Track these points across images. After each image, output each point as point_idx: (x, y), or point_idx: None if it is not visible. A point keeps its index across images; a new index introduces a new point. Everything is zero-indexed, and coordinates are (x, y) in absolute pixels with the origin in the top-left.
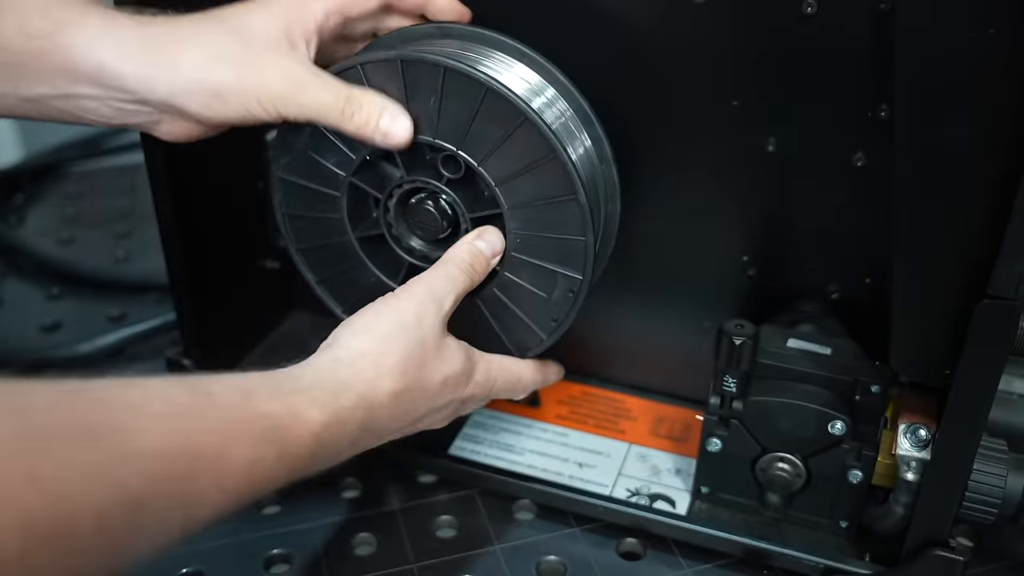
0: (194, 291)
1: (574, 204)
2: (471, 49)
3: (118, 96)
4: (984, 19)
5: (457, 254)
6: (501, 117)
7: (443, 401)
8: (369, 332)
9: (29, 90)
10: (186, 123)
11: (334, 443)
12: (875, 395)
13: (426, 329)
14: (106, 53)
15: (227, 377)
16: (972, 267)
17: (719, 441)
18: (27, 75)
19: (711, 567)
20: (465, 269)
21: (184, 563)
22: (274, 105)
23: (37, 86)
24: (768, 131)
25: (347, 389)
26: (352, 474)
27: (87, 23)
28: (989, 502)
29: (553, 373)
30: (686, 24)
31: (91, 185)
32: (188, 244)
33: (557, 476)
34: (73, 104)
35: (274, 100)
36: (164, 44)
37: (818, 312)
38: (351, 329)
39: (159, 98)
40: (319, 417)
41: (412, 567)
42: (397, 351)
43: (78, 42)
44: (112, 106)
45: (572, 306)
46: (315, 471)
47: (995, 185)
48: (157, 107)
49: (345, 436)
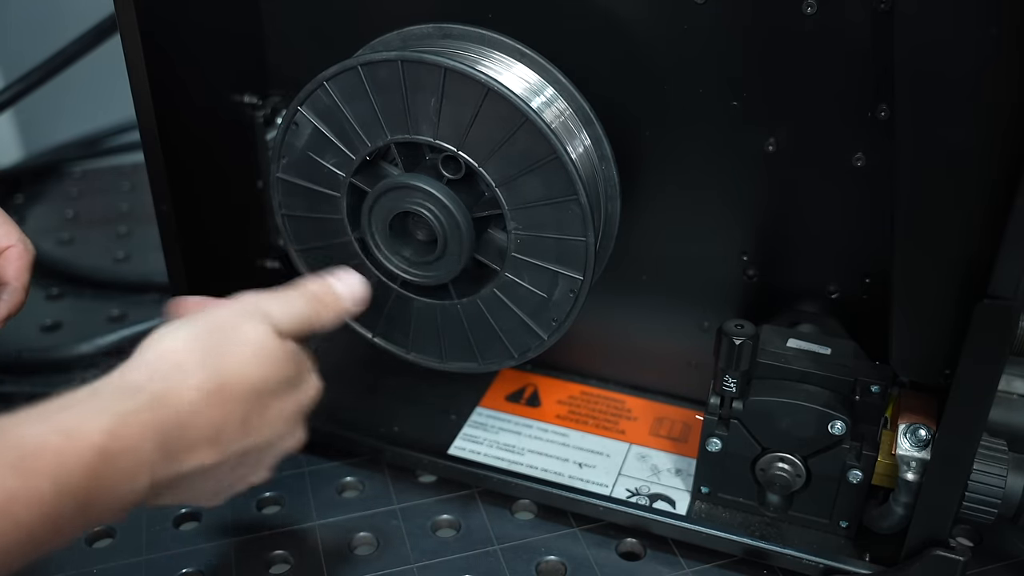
0: (194, 291)
1: (575, 204)
2: (471, 49)
3: None
4: (984, 19)
5: (305, 283)
6: (502, 118)
7: (284, 405)
8: (176, 333)
9: None
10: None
11: (130, 453)
12: (875, 395)
13: (246, 329)
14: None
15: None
16: (972, 267)
17: (719, 441)
18: None
19: (711, 567)
20: (308, 298)
21: (184, 563)
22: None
23: None
24: (768, 131)
25: (136, 391)
26: (352, 474)
27: None
28: (989, 502)
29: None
30: (686, 24)
31: (91, 185)
32: (188, 244)
33: (557, 476)
34: None
35: None
36: None
37: (818, 312)
38: (155, 335)
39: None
40: (100, 425)
41: (412, 567)
42: (206, 347)
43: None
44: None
45: (573, 306)
46: (123, 495)
47: (995, 185)
48: None
49: (138, 443)
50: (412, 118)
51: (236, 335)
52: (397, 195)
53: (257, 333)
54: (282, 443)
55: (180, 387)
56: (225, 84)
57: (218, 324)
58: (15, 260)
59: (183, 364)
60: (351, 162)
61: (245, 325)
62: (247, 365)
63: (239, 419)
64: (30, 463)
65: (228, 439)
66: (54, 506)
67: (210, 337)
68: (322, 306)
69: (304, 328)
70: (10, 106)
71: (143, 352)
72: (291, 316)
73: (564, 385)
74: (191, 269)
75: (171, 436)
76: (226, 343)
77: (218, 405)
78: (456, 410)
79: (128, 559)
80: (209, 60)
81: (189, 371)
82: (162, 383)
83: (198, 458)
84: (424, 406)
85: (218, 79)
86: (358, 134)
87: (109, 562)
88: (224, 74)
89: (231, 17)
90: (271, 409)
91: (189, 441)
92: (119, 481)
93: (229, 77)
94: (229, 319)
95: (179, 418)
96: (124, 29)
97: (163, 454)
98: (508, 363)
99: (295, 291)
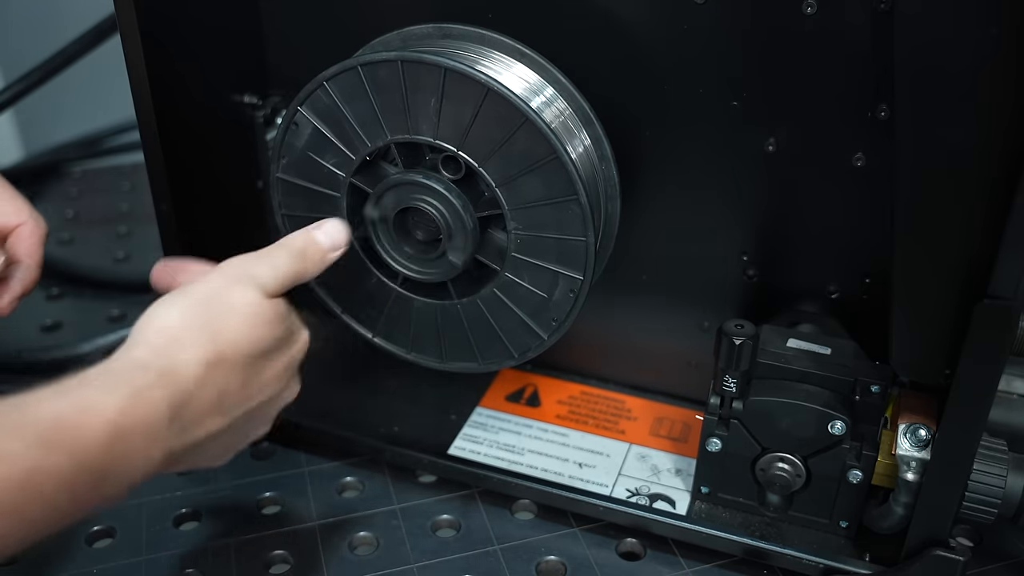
0: None
1: (575, 204)
2: (471, 49)
3: None
4: (983, 18)
5: (289, 239)
6: (502, 118)
7: (279, 363)
8: (170, 309)
9: None
10: None
11: (142, 429)
12: (875, 395)
13: (236, 297)
14: None
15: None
16: (972, 267)
17: (719, 441)
18: None
19: (711, 567)
20: (294, 254)
21: (184, 563)
22: None
23: None
24: (768, 131)
25: (143, 368)
26: (352, 474)
27: None
28: (989, 502)
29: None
30: (686, 24)
31: (91, 185)
32: (188, 244)
33: (557, 476)
34: None
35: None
36: None
37: (818, 312)
38: (150, 312)
39: None
40: (113, 403)
41: (412, 567)
42: (200, 319)
43: None
44: None
45: (573, 306)
46: (137, 468)
47: (995, 184)
48: None
49: (153, 419)
50: (412, 118)
51: (227, 304)
52: (402, 191)
53: (246, 299)
54: (280, 397)
55: (183, 361)
56: (225, 84)
57: (208, 295)
58: (27, 237)
59: (181, 339)
60: (351, 162)
61: (235, 293)
62: (241, 332)
63: (240, 384)
64: (50, 436)
65: (232, 404)
66: (72, 480)
67: (203, 309)
68: (307, 260)
69: (291, 284)
70: (10, 106)
71: (142, 329)
72: (277, 276)
73: (564, 385)
74: None
75: (180, 409)
76: (219, 313)
77: (220, 375)
78: (456, 410)
79: (128, 559)
80: (209, 60)
81: (188, 345)
82: (166, 359)
83: (206, 427)
84: (424, 406)
85: (218, 79)
86: (358, 134)
87: (109, 562)
88: (224, 74)
89: (231, 17)
90: (268, 369)
91: (197, 412)
92: (133, 456)
93: (229, 77)
94: (218, 288)
95: (186, 391)
96: (124, 29)
97: (174, 428)
98: (508, 363)
99: (279, 248)
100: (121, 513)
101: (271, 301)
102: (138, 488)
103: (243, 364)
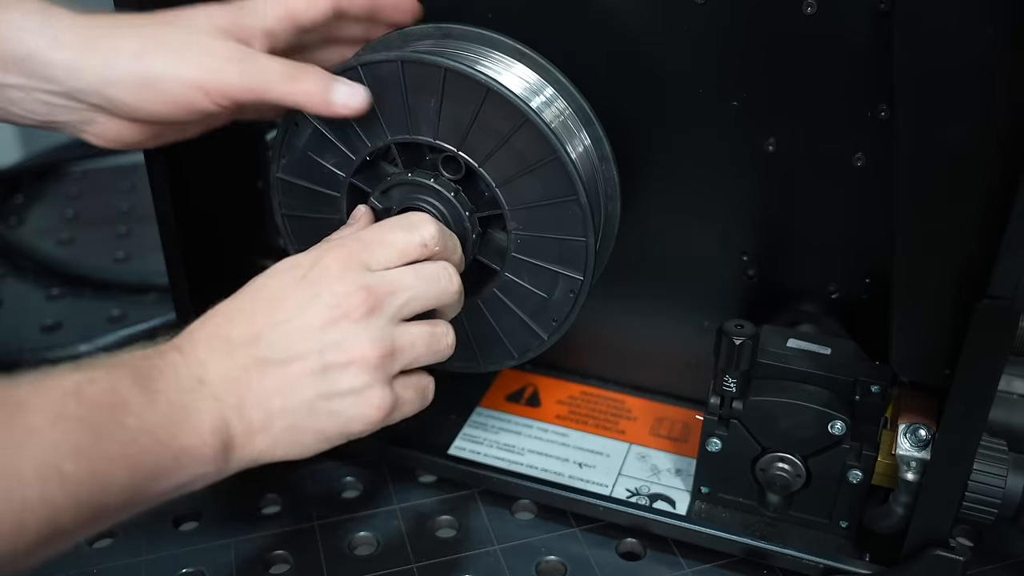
0: (194, 291)
1: (575, 205)
2: (471, 49)
3: (46, 88)
4: (984, 18)
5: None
6: (502, 118)
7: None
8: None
9: None
10: (119, 122)
11: (193, 350)
12: (875, 395)
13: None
14: (40, 40)
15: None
16: (972, 267)
17: (719, 441)
18: None
19: (711, 567)
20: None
21: (184, 563)
22: (215, 83)
23: None
24: (768, 131)
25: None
26: (352, 474)
27: (26, 8)
28: (989, 502)
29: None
30: (686, 24)
31: (91, 185)
32: (188, 244)
33: (557, 476)
34: (1, 95)
35: (213, 77)
36: (100, 35)
37: (818, 312)
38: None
39: (89, 88)
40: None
41: (412, 567)
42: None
43: (13, 27)
44: (39, 99)
45: (573, 306)
46: (192, 380)
47: (994, 185)
48: (87, 101)
49: (205, 336)
50: (412, 118)
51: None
52: (403, 191)
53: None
54: (357, 363)
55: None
56: None
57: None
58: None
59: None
60: (351, 162)
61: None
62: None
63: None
64: (82, 363)
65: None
66: (115, 386)
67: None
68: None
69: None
70: None
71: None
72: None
73: (564, 385)
74: (191, 269)
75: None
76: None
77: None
78: (456, 410)
79: (128, 559)
80: None
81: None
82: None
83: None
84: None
85: None
86: (358, 134)
87: (109, 562)
88: None
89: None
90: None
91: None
92: (182, 379)
93: None
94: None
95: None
96: None
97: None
98: (509, 363)
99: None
100: None
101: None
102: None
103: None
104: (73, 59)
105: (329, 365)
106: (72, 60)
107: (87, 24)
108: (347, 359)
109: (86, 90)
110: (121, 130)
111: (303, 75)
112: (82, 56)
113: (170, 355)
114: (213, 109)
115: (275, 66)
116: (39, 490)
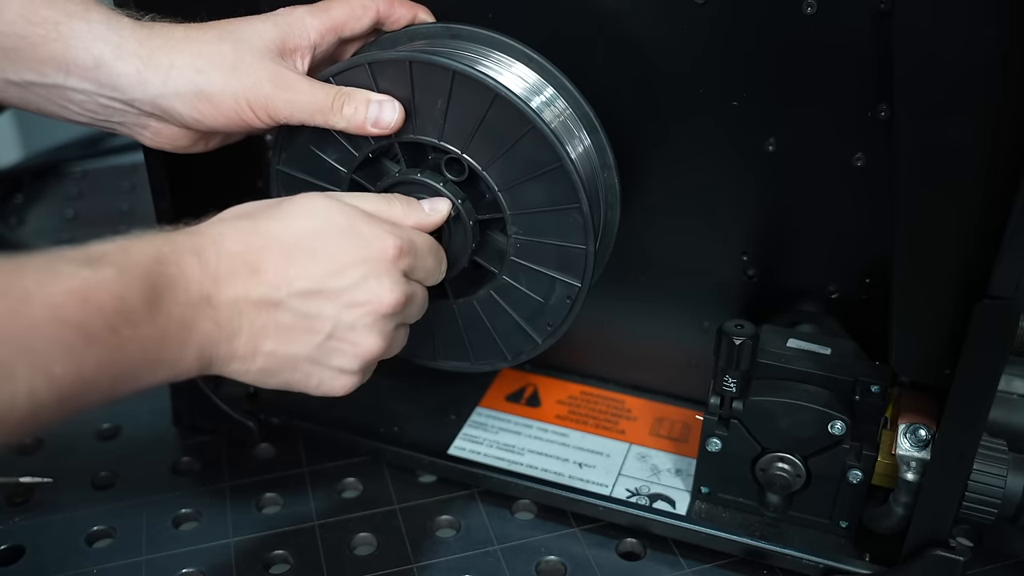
0: None
1: (577, 213)
2: (477, 50)
3: (108, 94)
4: (983, 18)
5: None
6: (508, 123)
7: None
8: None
9: (17, 75)
10: (173, 129)
11: (190, 251)
12: (875, 395)
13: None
14: (105, 49)
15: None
16: (972, 267)
17: (719, 441)
18: (20, 60)
19: (711, 567)
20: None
21: (184, 563)
22: (263, 106)
23: (27, 72)
24: (768, 131)
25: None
26: (352, 474)
27: (91, 18)
28: (989, 502)
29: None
30: (686, 24)
31: (91, 185)
32: None
33: (557, 476)
34: (59, 95)
35: (263, 101)
36: (159, 47)
37: (818, 312)
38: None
39: (149, 98)
40: (156, 238)
41: (412, 567)
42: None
43: (79, 35)
44: (100, 103)
45: (569, 312)
46: (189, 296)
47: (995, 185)
48: (145, 109)
49: (200, 246)
50: (418, 118)
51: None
52: (403, 190)
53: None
54: (360, 305)
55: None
56: None
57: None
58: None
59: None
60: (353, 158)
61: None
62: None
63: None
64: (97, 256)
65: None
66: (122, 294)
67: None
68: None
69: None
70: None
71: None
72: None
73: (564, 385)
74: None
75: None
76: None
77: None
78: (456, 410)
79: (128, 559)
80: None
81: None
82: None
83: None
84: (424, 406)
85: None
86: None
87: (109, 562)
88: None
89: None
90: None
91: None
92: (184, 278)
93: None
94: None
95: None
96: None
97: (218, 264)
98: (501, 364)
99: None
100: (121, 513)
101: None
102: (139, 488)
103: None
104: (139, 71)
105: (331, 343)
106: (137, 72)
107: (147, 35)
108: (350, 350)
109: (146, 100)
110: (173, 135)
111: (345, 102)
112: (146, 68)
113: (188, 263)
114: (262, 125)
115: (319, 96)
116: (27, 387)
